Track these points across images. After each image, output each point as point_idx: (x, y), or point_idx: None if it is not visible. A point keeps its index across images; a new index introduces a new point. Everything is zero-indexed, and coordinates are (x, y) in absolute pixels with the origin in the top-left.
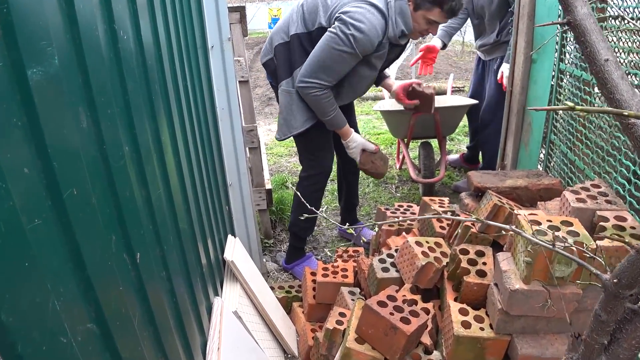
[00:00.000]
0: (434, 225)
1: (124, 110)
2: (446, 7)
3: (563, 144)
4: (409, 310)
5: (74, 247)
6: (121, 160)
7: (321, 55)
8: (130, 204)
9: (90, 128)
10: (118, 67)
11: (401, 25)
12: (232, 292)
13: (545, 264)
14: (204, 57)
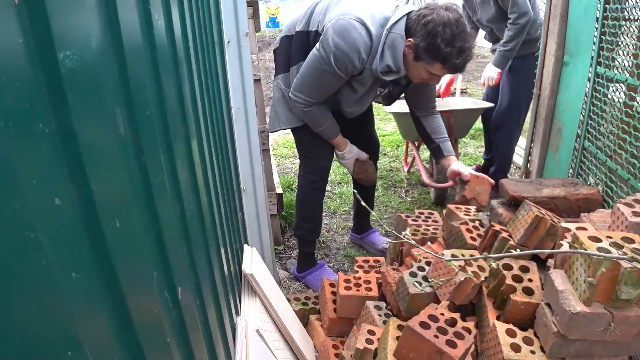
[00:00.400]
0: (465, 236)
1: (159, 111)
2: (448, 65)
3: (600, 151)
4: (453, 331)
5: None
6: (160, 174)
7: (306, 72)
8: (170, 228)
9: (128, 134)
10: (152, 57)
11: (388, 59)
12: (252, 308)
13: (610, 285)
14: (220, 53)
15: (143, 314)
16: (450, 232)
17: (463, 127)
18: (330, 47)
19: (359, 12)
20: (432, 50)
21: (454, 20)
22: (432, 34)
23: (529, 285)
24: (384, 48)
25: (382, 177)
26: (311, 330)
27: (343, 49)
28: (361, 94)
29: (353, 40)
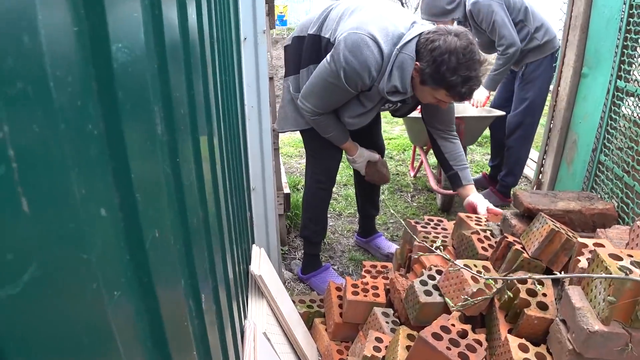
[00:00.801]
0: (476, 246)
1: (191, 110)
2: (453, 92)
3: (618, 166)
4: (465, 343)
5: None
6: (190, 176)
7: (315, 82)
8: (197, 233)
9: (164, 134)
10: (186, 53)
11: (396, 80)
12: (259, 310)
13: (630, 304)
14: (237, 50)
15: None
16: (461, 241)
17: (473, 135)
18: (340, 62)
19: (373, 27)
20: (437, 77)
21: (461, 48)
22: (437, 62)
23: (543, 300)
24: (392, 68)
25: None
26: (315, 334)
27: (354, 65)
28: (368, 109)
29: (365, 58)
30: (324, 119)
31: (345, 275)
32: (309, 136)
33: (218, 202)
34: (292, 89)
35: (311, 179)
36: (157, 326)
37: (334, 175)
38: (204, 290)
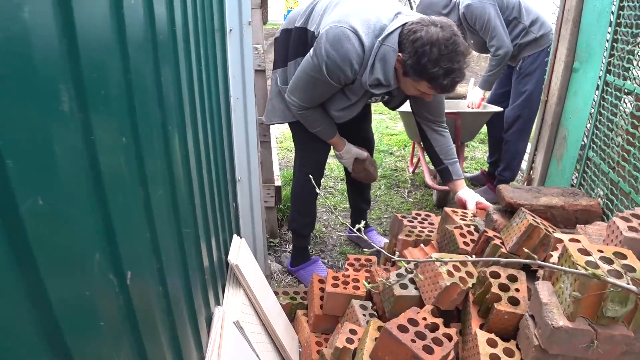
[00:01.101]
0: (457, 240)
1: (158, 100)
2: (435, 84)
3: (604, 162)
4: (432, 337)
5: None
6: (114, 156)
7: (299, 77)
8: (124, 211)
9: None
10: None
11: (378, 72)
12: (235, 299)
13: (596, 301)
14: (221, 41)
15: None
16: (444, 236)
17: (470, 131)
18: (322, 56)
19: (354, 20)
20: (418, 69)
21: (444, 39)
22: (419, 53)
23: (515, 295)
24: (375, 60)
25: (386, 176)
26: (297, 325)
27: (335, 59)
28: (353, 102)
29: (345, 51)
30: (311, 113)
31: (335, 269)
32: (297, 129)
33: (191, 193)
34: (279, 81)
35: (299, 171)
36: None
37: (323, 168)
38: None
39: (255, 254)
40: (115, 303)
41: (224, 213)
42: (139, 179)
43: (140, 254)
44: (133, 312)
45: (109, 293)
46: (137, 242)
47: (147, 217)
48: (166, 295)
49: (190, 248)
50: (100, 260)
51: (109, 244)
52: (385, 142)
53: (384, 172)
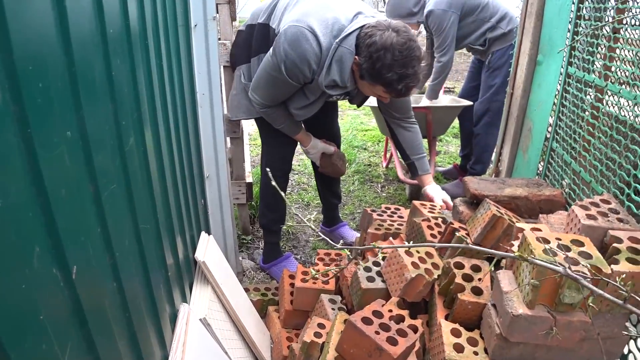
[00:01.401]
0: (425, 233)
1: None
2: (390, 89)
3: (567, 152)
4: (396, 328)
5: None
6: (56, 149)
7: (260, 75)
8: (68, 206)
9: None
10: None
11: (335, 74)
12: (202, 296)
13: (553, 289)
14: (186, 36)
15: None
16: (413, 228)
17: (441, 125)
18: (281, 55)
19: (313, 19)
20: (373, 73)
21: (398, 44)
22: (373, 58)
23: (478, 285)
24: (332, 61)
25: (360, 171)
26: (269, 321)
27: (293, 59)
28: (311, 101)
29: (303, 51)
30: (273, 111)
31: (307, 265)
32: (262, 124)
33: (151, 189)
34: (244, 78)
35: (267, 165)
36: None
37: (290, 162)
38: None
39: (226, 251)
40: (59, 298)
41: (191, 210)
42: (87, 173)
43: (88, 248)
44: (80, 308)
45: (52, 287)
46: (84, 237)
47: (97, 212)
48: (121, 292)
49: (149, 244)
50: (41, 254)
51: (51, 238)
52: (359, 137)
53: (357, 167)
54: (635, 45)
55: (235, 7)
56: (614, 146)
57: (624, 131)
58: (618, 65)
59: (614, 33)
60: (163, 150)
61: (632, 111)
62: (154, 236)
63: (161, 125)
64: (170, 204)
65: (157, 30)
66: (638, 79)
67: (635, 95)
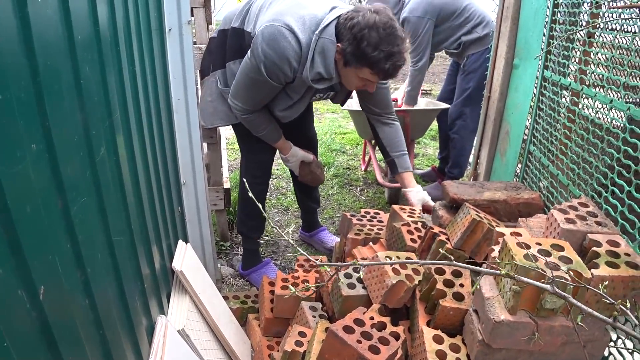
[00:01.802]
0: (405, 238)
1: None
2: (377, 69)
3: (544, 155)
4: (378, 336)
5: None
6: (19, 164)
7: (240, 80)
8: (32, 222)
9: None
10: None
11: (319, 66)
12: (181, 307)
13: (535, 294)
14: (160, 41)
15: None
16: (392, 233)
17: (420, 128)
18: (260, 56)
19: (288, 17)
20: (358, 55)
21: (381, 23)
22: (357, 38)
23: (460, 290)
24: (314, 54)
25: (339, 175)
26: (249, 330)
27: (272, 58)
28: (295, 100)
29: (282, 50)
30: (255, 117)
31: (287, 271)
32: (241, 131)
33: (124, 199)
34: (220, 83)
35: (246, 173)
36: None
37: (270, 169)
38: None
39: (204, 259)
40: (25, 320)
41: (167, 218)
42: (55, 187)
43: (57, 266)
44: (49, 329)
45: (18, 310)
46: (52, 255)
47: (67, 227)
48: (93, 308)
49: (123, 256)
50: (4, 276)
51: (15, 258)
52: (338, 140)
53: (336, 170)
54: (610, 49)
55: (210, 10)
56: (591, 149)
57: (600, 134)
58: (593, 69)
59: (589, 37)
60: (137, 159)
61: (607, 115)
62: (129, 247)
63: (134, 133)
64: (146, 214)
65: (130, 35)
66: (613, 83)
67: (610, 99)
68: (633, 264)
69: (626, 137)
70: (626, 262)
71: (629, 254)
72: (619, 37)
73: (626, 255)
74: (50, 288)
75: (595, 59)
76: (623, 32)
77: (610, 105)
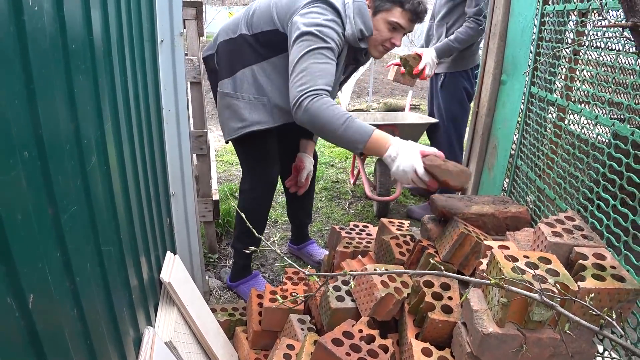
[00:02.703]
0: (393, 251)
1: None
2: (407, 6)
3: (531, 170)
4: (367, 349)
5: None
6: (12, 172)
7: (309, 65)
8: (23, 230)
9: None
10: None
11: (360, 24)
12: (168, 319)
13: (523, 306)
14: (152, 52)
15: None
16: (381, 246)
17: None
18: (309, 29)
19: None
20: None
21: None
22: None
23: (448, 303)
24: (353, 16)
25: (328, 188)
26: (236, 343)
27: (321, 22)
28: (338, 75)
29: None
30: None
31: (275, 284)
32: (247, 147)
33: (114, 209)
34: (230, 87)
35: (249, 193)
36: None
37: (275, 187)
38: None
39: (192, 271)
40: (14, 329)
41: (156, 229)
42: (46, 195)
43: (46, 275)
44: (37, 338)
45: (6, 318)
46: (42, 263)
47: (57, 236)
48: (82, 318)
49: (112, 267)
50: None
51: (5, 265)
52: (327, 154)
53: (325, 184)
54: (595, 67)
55: (202, 22)
56: (577, 164)
57: (586, 149)
58: (579, 85)
59: (574, 54)
60: (127, 169)
61: (593, 130)
62: (117, 258)
63: (125, 143)
64: (135, 224)
65: (122, 45)
66: (598, 99)
67: (596, 115)
68: (619, 277)
69: (611, 152)
70: (612, 274)
71: (615, 267)
72: (604, 54)
73: (612, 268)
74: (40, 296)
75: (581, 75)
76: (608, 49)
77: (596, 121)
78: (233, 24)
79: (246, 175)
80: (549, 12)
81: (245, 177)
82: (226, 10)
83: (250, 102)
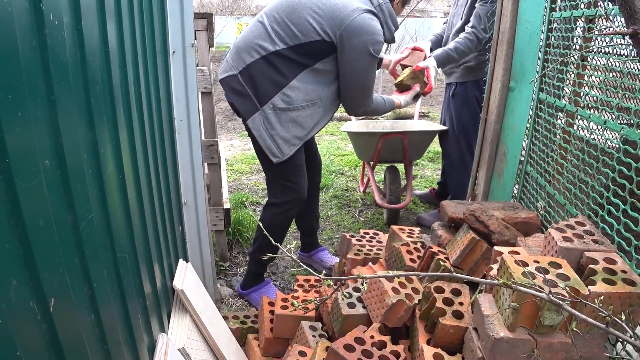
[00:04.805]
0: (404, 257)
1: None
2: None
3: (541, 176)
4: (379, 355)
5: None
6: (34, 179)
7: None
8: (46, 236)
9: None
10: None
11: (392, 26)
12: (181, 325)
13: (533, 311)
14: (164, 63)
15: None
16: (392, 253)
17: (417, 149)
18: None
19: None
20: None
21: None
22: None
23: (459, 308)
24: (387, 20)
25: (338, 196)
26: (248, 350)
27: (379, 40)
28: None
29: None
30: None
31: (286, 291)
32: (285, 165)
33: (129, 217)
34: (284, 103)
35: (280, 207)
36: None
37: (305, 199)
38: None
39: (204, 279)
40: (36, 332)
41: (169, 237)
42: (66, 202)
43: (66, 280)
44: (58, 341)
45: (30, 321)
46: (62, 268)
47: (76, 242)
48: (99, 324)
49: (127, 274)
50: (18, 287)
51: (29, 270)
52: (336, 162)
53: (335, 192)
54: (603, 72)
55: (213, 33)
56: (586, 169)
57: (595, 155)
58: (587, 91)
59: (582, 60)
60: (141, 178)
61: (602, 135)
62: (132, 265)
63: (139, 152)
64: (148, 232)
65: (136, 57)
66: (607, 105)
67: (604, 120)
68: (629, 281)
69: (620, 156)
70: (623, 279)
71: (626, 271)
72: (612, 60)
73: (623, 273)
74: (60, 301)
75: (589, 81)
76: (615, 55)
77: (605, 126)
78: (253, 43)
79: (280, 190)
80: (556, 18)
81: (276, 191)
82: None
83: (309, 108)
